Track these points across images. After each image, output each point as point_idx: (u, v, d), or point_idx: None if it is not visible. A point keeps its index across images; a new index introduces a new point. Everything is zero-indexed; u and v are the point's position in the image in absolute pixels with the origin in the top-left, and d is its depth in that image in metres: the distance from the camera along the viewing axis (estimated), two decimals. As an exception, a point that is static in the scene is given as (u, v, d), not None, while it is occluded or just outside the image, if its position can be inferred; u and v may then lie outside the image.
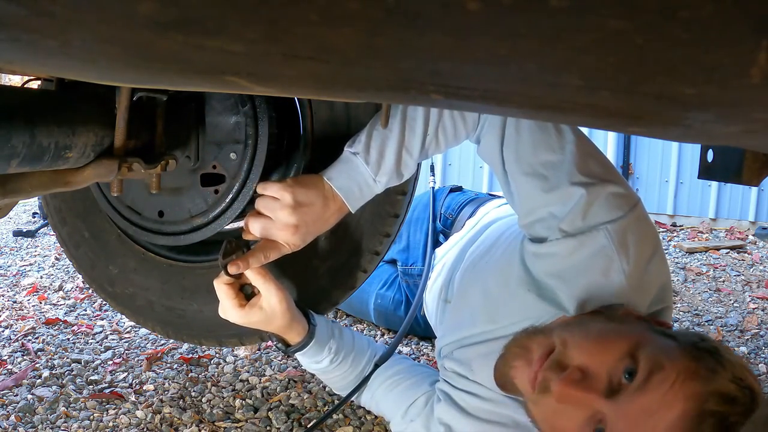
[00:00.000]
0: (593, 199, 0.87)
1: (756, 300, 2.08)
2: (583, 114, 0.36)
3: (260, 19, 0.26)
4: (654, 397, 0.67)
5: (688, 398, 0.66)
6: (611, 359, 0.71)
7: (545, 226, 0.91)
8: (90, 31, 0.29)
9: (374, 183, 0.94)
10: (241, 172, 1.05)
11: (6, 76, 1.97)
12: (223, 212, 1.07)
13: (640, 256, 0.87)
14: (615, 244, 0.85)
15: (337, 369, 1.10)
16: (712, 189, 3.46)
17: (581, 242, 0.87)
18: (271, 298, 0.98)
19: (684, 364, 0.68)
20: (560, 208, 0.89)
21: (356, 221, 1.08)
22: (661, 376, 0.67)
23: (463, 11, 0.23)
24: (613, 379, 0.70)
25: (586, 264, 0.87)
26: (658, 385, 0.67)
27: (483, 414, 0.97)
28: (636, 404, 0.67)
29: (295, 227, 0.91)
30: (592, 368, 0.72)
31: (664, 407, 0.66)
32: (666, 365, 0.68)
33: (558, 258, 0.90)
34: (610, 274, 0.86)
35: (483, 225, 1.30)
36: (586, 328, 0.78)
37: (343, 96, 0.45)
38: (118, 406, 1.27)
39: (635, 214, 0.88)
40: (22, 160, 0.73)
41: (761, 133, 0.37)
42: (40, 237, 3.02)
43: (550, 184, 0.89)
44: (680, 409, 0.65)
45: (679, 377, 0.67)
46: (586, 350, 0.74)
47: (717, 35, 0.23)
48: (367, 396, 1.14)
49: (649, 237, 0.89)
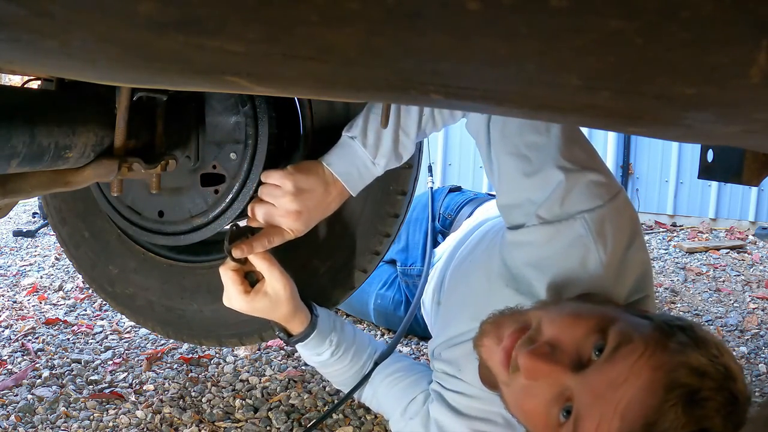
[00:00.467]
0: (572, 185, 0.86)
1: (756, 300, 2.08)
2: (583, 114, 0.36)
3: (260, 19, 0.26)
4: (620, 369, 0.65)
5: (655, 369, 0.63)
6: (581, 334, 0.70)
7: (523, 213, 0.91)
8: (90, 31, 0.29)
9: (373, 165, 0.95)
10: (241, 172, 1.05)
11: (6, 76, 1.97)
12: (223, 212, 1.07)
13: (618, 245, 0.86)
14: (593, 233, 0.84)
15: (338, 363, 1.10)
16: (712, 189, 3.46)
17: (558, 230, 0.86)
18: (275, 283, 0.98)
19: (654, 337, 0.67)
20: (539, 193, 0.88)
21: (356, 221, 1.08)
22: (629, 348, 0.66)
23: (463, 11, 0.23)
24: (583, 355, 0.69)
25: (562, 253, 0.86)
26: (625, 357, 0.65)
27: (473, 412, 0.97)
28: (602, 376, 0.65)
29: (297, 213, 0.93)
30: (561, 343, 0.70)
31: (631, 377, 0.64)
32: (635, 338, 0.66)
33: (534, 246, 0.89)
34: (587, 263, 0.85)
35: (473, 226, 1.30)
36: (561, 307, 0.77)
37: (343, 96, 0.45)
38: (118, 406, 1.27)
39: (615, 203, 0.87)
40: (22, 160, 0.73)
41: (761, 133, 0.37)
42: (40, 237, 3.02)
43: (532, 166, 0.88)
44: (647, 378, 0.63)
45: (647, 349, 0.65)
46: (557, 325, 0.72)
47: (717, 35, 0.23)
48: (369, 393, 1.14)
49: (628, 226, 0.88)
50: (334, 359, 1.09)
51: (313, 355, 1.09)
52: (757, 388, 1.43)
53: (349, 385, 1.12)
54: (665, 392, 0.62)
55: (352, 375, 1.12)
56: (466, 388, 0.99)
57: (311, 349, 1.08)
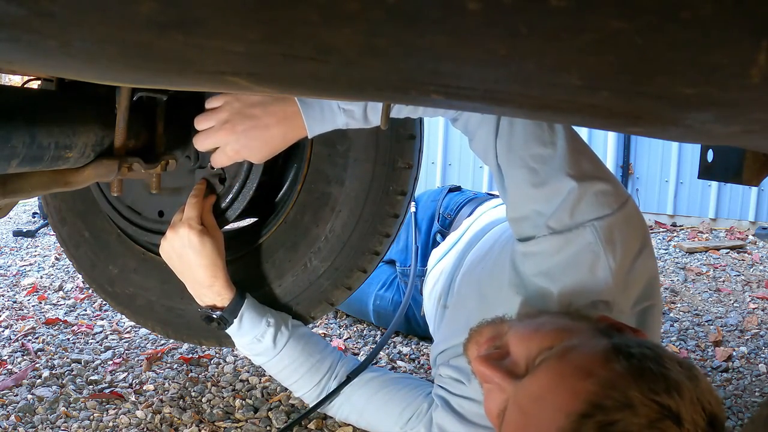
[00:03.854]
0: (581, 196, 0.86)
1: (756, 300, 2.08)
2: (583, 114, 0.36)
3: (260, 19, 0.26)
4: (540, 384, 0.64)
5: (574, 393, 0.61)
6: (533, 347, 0.70)
7: (532, 225, 0.91)
8: (90, 31, 0.29)
9: (338, 110, 0.91)
10: (241, 172, 1.05)
11: (6, 76, 1.97)
12: (224, 212, 1.07)
13: (627, 253, 0.86)
14: (602, 240, 0.85)
15: (287, 356, 1.07)
16: (712, 189, 3.46)
17: (568, 239, 0.87)
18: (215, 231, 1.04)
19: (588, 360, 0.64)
20: (547, 205, 0.88)
21: (356, 221, 1.08)
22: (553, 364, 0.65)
23: (463, 11, 0.23)
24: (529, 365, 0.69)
25: (572, 260, 0.87)
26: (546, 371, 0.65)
27: (480, 419, 0.96)
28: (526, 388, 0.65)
29: (231, 126, 0.93)
30: (514, 354, 0.72)
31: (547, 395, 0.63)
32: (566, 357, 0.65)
33: (545, 256, 0.89)
34: (596, 270, 0.85)
35: (481, 228, 1.30)
36: (533, 320, 0.77)
37: (343, 96, 0.45)
38: (118, 406, 1.27)
39: (624, 212, 0.87)
40: (22, 160, 0.73)
41: (761, 133, 0.37)
42: (40, 237, 3.02)
43: (539, 178, 0.89)
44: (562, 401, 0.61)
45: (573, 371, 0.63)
46: (518, 337, 0.74)
47: (717, 35, 0.23)
48: (347, 410, 1.10)
49: (637, 234, 0.89)
50: (278, 350, 1.07)
51: (254, 343, 1.07)
52: (757, 388, 1.43)
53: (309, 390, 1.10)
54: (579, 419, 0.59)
55: (311, 378, 1.09)
56: (474, 394, 0.97)
57: (248, 331, 1.06)
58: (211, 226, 1.04)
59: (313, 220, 1.09)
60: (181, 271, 1.06)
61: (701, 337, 1.73)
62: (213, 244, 1.02)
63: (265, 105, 0.93)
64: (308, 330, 1.14)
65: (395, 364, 1.52)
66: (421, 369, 1.49)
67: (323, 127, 0.93)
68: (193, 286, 1.07)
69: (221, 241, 1.05)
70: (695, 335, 1.75)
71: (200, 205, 1.03)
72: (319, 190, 1.08)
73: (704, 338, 1.72)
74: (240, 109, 0.93)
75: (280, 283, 1.14)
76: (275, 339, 1.07)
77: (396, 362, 1.53)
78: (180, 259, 1.04)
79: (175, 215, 1.04)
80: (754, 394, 1.40)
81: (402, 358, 1.55)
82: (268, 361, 1.09)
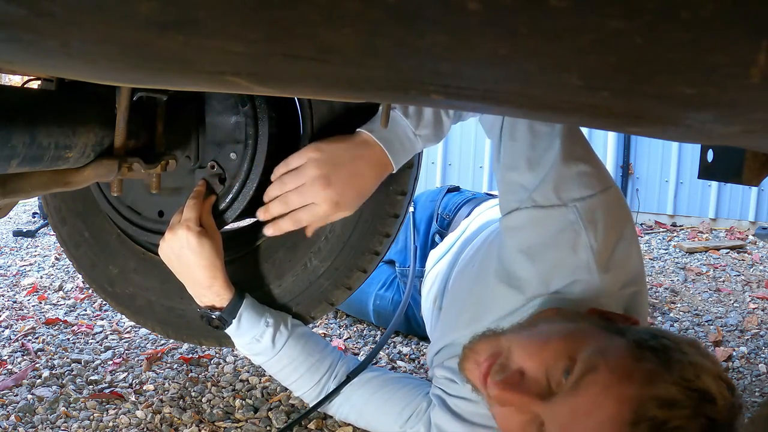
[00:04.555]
0: (564, 173, 0.88)
1: (756, 300, 2.08)
2: (583, 114, 0.36)
3: (260, 19, 0.26)
4: (584, 400, 0.64)
5: (620, 401, 0.62)
6: (550, 360, 0.70)
7: (517, 198, 0.93)
8: (90, 31, 0.29)
9: (415, 138, 0.93)
10: (241, 172, 1.05)
11: (6, 76, 1.97)
12: (224, 212, 1.07)
13: (609, 234, 0.87)
14: (583, 219, 0.86)
15: (286, 356, 1.07)
16: (712, 189, 3.46)
17: (549, 214, 0.88)
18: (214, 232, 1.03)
19: (622, 364, 0.65)
20: (533, 178, 0.90)
21: (356, 221, 1.08)
22: (593, 378, 0.65)
23: (463, 11, 0.23)
24: (552, 381, 0.69)
25: (553, 239, 0.88)
26: (588, 387, 0.64)
27: (477, 418, 0.97)
28: (567, 407, 0.65)
29: (325, 179, 0.90)
30: (530, 371, 0.71)
31: (594, 411, 0.63)
32: (600, 366, 0.65)
33: (525, 231, 0.91)
34: (578, 249, 0.86)
35: (475, 230, 1.30)
36: (533, 330, 0.77)
37: (343, 96, 0.45)
38: (118, 406, 1.27)
39: (607, 195, 0.89)
40: (22, 160, 0.73)
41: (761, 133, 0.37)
42: (40, 237, 3.02)
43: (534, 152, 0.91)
44: (611, 412, 0.62)
45: (613, 379, 0.64)
46: (527, 352, 0.73)
47: (717, 35, 0.23)
48: (346, 409, 1.10)
49: (620, 218, 0.90)
50: (278, 350, 1.07)
51: (253, 343, 1.07)
52: (757, 388, 1.43)
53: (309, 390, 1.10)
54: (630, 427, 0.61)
55: (310, 378, 1.09)
56: (469, 394, 0.98)
57: (247, 331, 1.06)
58: (209, 227, 1.04)
59: (313, 220, 1.09)
60: (180, 271, 1.06)
61: (701, 337, 1.73)
62: (211, 245, 1.02)
63: (349, 150, 0.91)
64: (308, 330, 1.14)
65: (395, 364, 1.52)
66: (421, 369, 1.49)
67: (406, 159, 0.94)
68: (192, 286, 1.07)
69: (220, 242, 1.05)
70: (695, 335, 1.75)
71: (199, 207, 1.03)
72: (319, 190, 1.08)
73: (704, 338, 1.72)
74: (328, 160, 0.90)
75: (280, 283, 1.14)
76: (274, 339, 1.07)
77: (396, 362, 1.53)
78: (179, 260, 1.04)
79: (173, 216, 1.04)
80: (754, 394, 1.40)
81: (402, 358, 1.55)
82: (268, 361, 1.09)
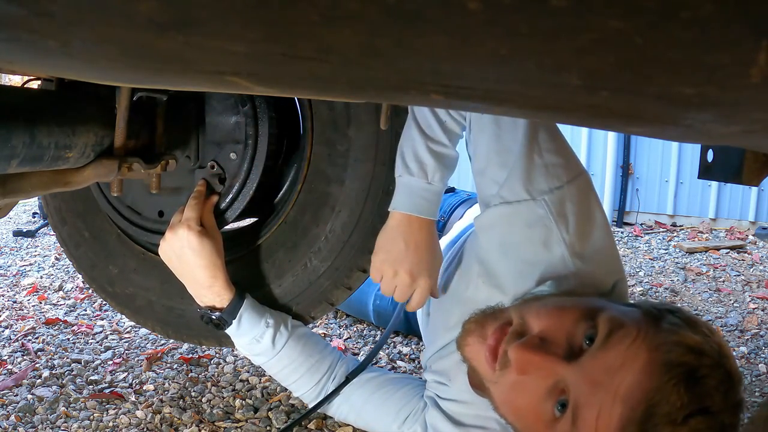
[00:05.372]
0: (532, 166, 0.87)
1: (756, 300, 2.08)
2: (583, 114, 0.36)
3: (260, 19, 0.26)
4: (616, 354, 0.64)
5: (651, 349, 0.63)
6: (570, 324, 0.69)
7: (488, 194, 0.93)
8: (90, 31, 0.29)
9: (430, 185, 0.95)
10: (241, 172, 1.05)
11: (6, 76, 1.97)
12: (224, 212, 1.07)
13: (581, 224, 0.86)
14: (553, 213, 0.85)
15: (285, 357, 1.07)
16: (712, 189, 3.46)
17: (517, 209, 0.87)
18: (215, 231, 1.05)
19: (645, 320, 0.67)
20: (501, 173, 0.90)
21: (356, 221, 1.08)
22: (622, 332, 0.65)
23: (463, 11, 0.23)
24: (574, 344, 0.68)
25: (524, 235, 0.87)
26: (619, 341, 0.64)
27: (469, 420, 0.96)
28: (598, 363, 0.64)
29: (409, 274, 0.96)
30: (550, 334, 0.69)
31: (628, 361, 0.63)
32: (626, 323, 0.66)
33: (497, 228, 0.90)
34: (550, 244, 0.85)
35: (459, 231, 1.30)
36: (542, 302, 0.77)
37: (343, 96, 0.45)
38: (118, 406, 1.27)
39: (575, 184, 0.87)
40: (22, 160, 0.73)
41: (761, 133, 0.37)
42: (40, 237, 3.02)
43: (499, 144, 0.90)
44: (644, 360, 0.62)
45: (641, 332, 0.65)
46: (544, 318, 0.71)
47: (717, 35, 0.23)
48: (345, 409, 1.10)
49: (589, 207, 0.88)
50: (278, 350, 1.07)
51: (253, 343, 1.07)
52: (757, 388, 1.43)
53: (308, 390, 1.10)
54: (664, 372, 0.61)
55: (310, 378, 1.09)
56: (458, 395, 0.98)
57: (247, 331, 1.06)
58: (210, 227, 1.04)
59: (313, 220, 1.09)
60: (180, 272, 1.06)
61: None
62: (212, 245, 1.02)
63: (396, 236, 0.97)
64: (308, 330, 1.14)
65: (395, 364, 1.52)
66: (420, 369, 1.49)
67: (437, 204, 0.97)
68: (192, 286, 1.06)
69: (220, 242, 1.05)
70: (695, 335, 1.75)
71: (200, 207, 1.03)
72: (319, 190, 1.08)
73: (704, 338, 1.72)
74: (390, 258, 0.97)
75: (280, 283, 1.14)
76: (274, 339, 1.07)
77: (396, 362, 1.53)
78: (179, 260, 1.04)
79: (174, 216, 1.04)
80: (754, 394, 1.40)
81: (402, 358, 1.55)
82: (268, 361, 1.09)
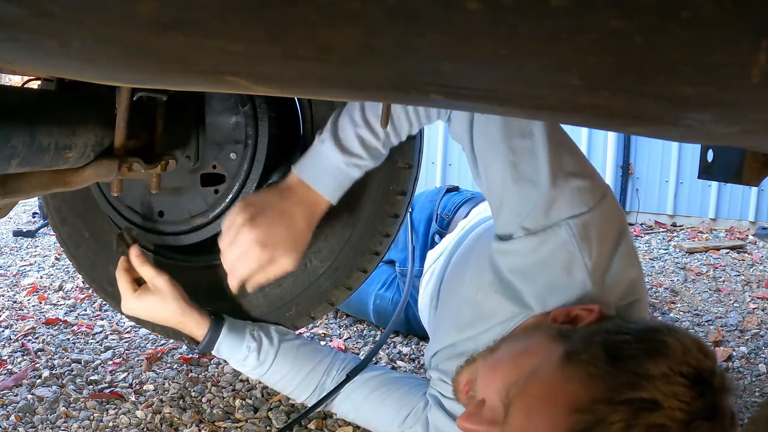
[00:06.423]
0: (557, 194, 0.85)
1: (756, 300, 2.08)
2: (583, 114, 0.36)
3: (260, 19, 0.26)
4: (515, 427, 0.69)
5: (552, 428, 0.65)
6: (501, 387, 0.73)
7: (509, 223, 0.90)
8: (90, 31, 0.29)
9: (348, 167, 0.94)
10: (241, 172, 1.05)
11: (6, 76, 1.97)
12: (224, 212, 1.07)
13: (604, 249, 0.85)
14: (577, 238, 0.84)
15: (276, 372, 1.10)
16: (712, 189, 3.46)
17: (543, 240, 0.86)
18: (156, 281, 1.05)
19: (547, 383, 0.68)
20: (524, 203, 0.87)
21: (356, 221, 1.08)
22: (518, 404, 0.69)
23: (463, 11, 0.23)
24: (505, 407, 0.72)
25: (546, 259, 0.86)
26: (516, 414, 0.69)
27: None
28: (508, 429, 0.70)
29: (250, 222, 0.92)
30: (489, 398, 0.75)
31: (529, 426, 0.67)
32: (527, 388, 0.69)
33: (520, 255, 0.88)
34: (572, 270, 0.84)
35: (467, 230, 1.29)
36: (494, 356, 0.81)
37: (343, 96, 0.45)
38: (118, 406, 1.27)
39: (600, 208, 0.86)
40: (22, 160, 0.73)
41: (761, 133, 0.37)
42: (40, 237, 3.02)
43: (519, 173, 0.87)
44: None
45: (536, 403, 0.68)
46: (484, 380, 0.77)
47: (717, 35, 0.23)
48: (347, 407, 1.11)
49: (614, 230, 0.87)
50: (267, 367, 1.09)
51: (241, 363, 1.10)
52: (757, 388, 1.43)
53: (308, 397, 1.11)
54: None
55: (308, 386, 1.10)
56: None
57: (230, 357, 1.09)
58: (150, 277, 1.06)
59: (313, 220, 1.09)
60: (151, 322, 1.11)
61: (701, 337, 1.73)
62: (158, 296, 1.05)
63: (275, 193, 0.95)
64: (299, 339, 1.14)
65: (395, 364, 1.52)
66: (420, 369, 1.49)
67: (342, 189, 0.95)
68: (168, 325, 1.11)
69: (168, 284, 1.06)
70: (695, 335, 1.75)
71: (127, 275, 1.06)
72: (319, 190, 1.08)
73: (704, 338, 1.72)
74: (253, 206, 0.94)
75: (280, 283, 1.14)
76: (260, 359, 1.09)
77: (396, 362, 1.53)
78: (144, 317, 1.09)
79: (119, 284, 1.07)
80: (754, 394, 1.40)
81: (402, 358, 1.55)
82: (261, 377, 1.12)
